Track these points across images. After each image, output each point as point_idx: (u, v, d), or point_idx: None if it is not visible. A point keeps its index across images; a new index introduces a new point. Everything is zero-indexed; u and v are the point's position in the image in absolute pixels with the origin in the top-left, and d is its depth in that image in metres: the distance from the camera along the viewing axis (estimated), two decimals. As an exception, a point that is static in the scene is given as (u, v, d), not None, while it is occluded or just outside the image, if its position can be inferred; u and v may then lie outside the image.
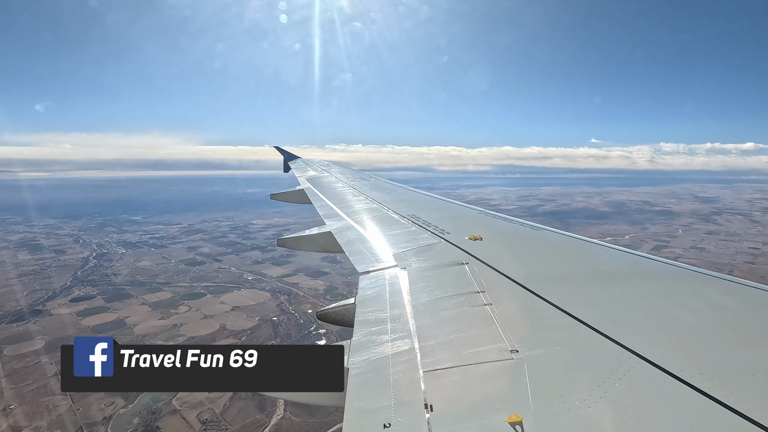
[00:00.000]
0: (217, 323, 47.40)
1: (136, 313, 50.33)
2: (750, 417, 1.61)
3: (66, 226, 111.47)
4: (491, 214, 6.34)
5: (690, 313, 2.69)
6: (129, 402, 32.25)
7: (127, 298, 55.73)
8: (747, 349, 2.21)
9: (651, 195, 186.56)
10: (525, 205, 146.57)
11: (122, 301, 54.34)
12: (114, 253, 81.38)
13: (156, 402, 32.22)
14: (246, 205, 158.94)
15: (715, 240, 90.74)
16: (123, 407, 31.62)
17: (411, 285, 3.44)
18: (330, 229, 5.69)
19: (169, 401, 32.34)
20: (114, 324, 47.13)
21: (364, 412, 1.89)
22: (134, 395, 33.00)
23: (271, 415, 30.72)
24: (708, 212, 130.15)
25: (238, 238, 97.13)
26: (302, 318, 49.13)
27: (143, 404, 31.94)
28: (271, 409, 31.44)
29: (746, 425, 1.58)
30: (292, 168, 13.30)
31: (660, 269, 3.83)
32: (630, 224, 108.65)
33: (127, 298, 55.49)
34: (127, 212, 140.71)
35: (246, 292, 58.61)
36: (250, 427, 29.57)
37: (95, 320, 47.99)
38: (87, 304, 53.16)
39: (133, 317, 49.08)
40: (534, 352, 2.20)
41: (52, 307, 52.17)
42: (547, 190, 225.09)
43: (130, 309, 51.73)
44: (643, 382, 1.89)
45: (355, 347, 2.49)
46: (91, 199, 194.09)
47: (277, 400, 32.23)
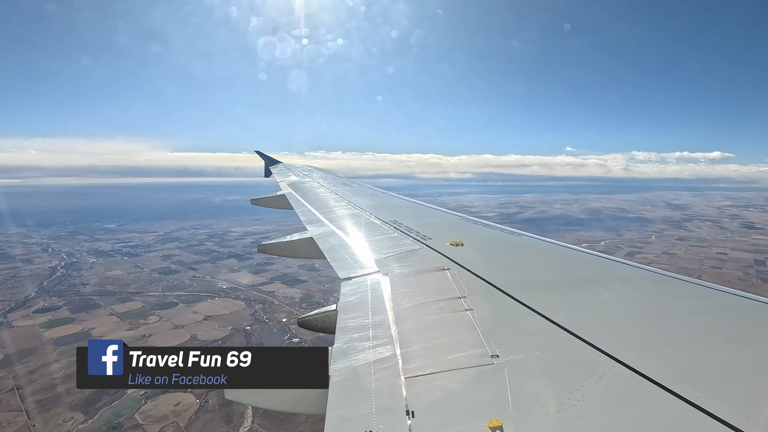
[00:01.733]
0: (188, 333, 46.21)
1: (103, 324, 48.64)
2: (721, 417, 1.67)
3: (35, 235, 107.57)
4: (473, 220, 6.35)
5: (663, 316, 2.78)
6: (89, 417, 31.02)
7: (94, 308, 53.89)
8: (717, 351, 2.28)
9: (626, 202, 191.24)
10: (505, 212, 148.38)
11: (89, 312, 52.51)
12: (84, 263, 78.80)
13: (117, 417, 31.05)
14: (225, 212, 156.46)
15: (685, 246, 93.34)
16: (82, 422, 30.40)
17: (393, 291, 3.44)
18: (311, 235, 5.63)
19: (132, 415, 31.22)
20: (78, 336, 45.33)
21: (346, 419, 1.89)
22: (95, 410, 31.76)
23: (238, 427, 29.94)
24: (679, 219, 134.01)
25: (215, 246, 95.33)
26: (276, 327, 48.33)
27: (104, 419, 30.76)
28: (238, 421, 30.66)
29: (717, 426, 1.64)
30: (274, 173, 13.06)
31: (635, 274, 3.87)
32: (606, 231, 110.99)
33: (95, 309, 53.67)
34: (101, 220, 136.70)
35: (220, 301, 57.37)
36: None
37: (59, 332, 46.17)
38: (51, 315, 51.14)
39: (100, 328, 47.40)
40: (514, 357, 2.24)
41: (13, 319, 50.03)
42: (527, 197, 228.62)
43: (97, 320, 50.00)
44: (619, 385, 1.95)
45: (336, 354, 2.48)
46: (64, 206, 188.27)
47: (245, 412, 31.48)
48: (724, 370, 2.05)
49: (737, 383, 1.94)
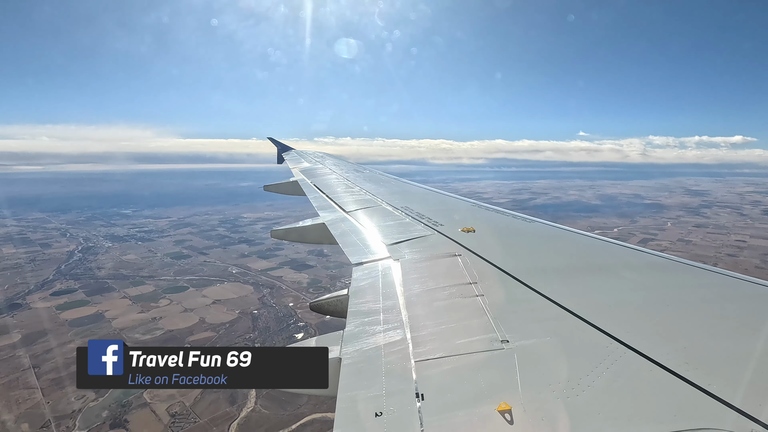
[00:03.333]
0: (197, 316, 47.21)
1: (116, 307, 50.06)
2: (733, 405, 1.65)
3: (54, 220, 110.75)
4: (484, 207, 6.35)
5: (677, 304, 2.78)
6: (100, 395, 32.13)
7: (108, 291, 55.46)
8: (732, 339, 2.27)
9: (643, 189, 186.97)
10: (517, 198, 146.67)
11: (103, 295, 54.05)
12: (100, 247, 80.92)
13: (127, 395, 32.10)
14: (238, 198, 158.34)
15: (702, 233, 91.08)
16: (93, 400, 31.52)
17: (404, 276, 3.46)
18: (324, 221, 5.69)
19: (140, 394, 32.24)
20: (92, 318, 46.88)
21: (357, 401, 1.93)
22: (105, 389, 32.87)
23: (242, 408, 30.65)
24: (697, 205, 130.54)
25: (227, 231, 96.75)
26: (282, 311, 49.03)
27: (114, 397, 31.83)
28: (242, 401, 31.38)
29: (730, 413, 1.62)
30: (286, 159, 13.09)
31: (648, 261, 3.84)
32: (619, 217, 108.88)
33: (109, 292, 55.23)
34: (118, 206, 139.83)
35: (229, 285, 58.40)
36: (219, 419, 29.50)
37: (74, 314, 47.70)
38: (67, 298, 52.82)
39: (113, 311, 48.82)
40: (524, 342, 2.24)
41: (31, 301, 51.84)
42: (541, 183, 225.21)
43: (110, 303, 51.45)
44: (630, 371, 1.94)
45: (347, 338, 2.52)
46: (83, 192, 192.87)
47: (248, 393, 32.22)
48: (739, 358, 2.03)
49: (752, 371, 1.92)
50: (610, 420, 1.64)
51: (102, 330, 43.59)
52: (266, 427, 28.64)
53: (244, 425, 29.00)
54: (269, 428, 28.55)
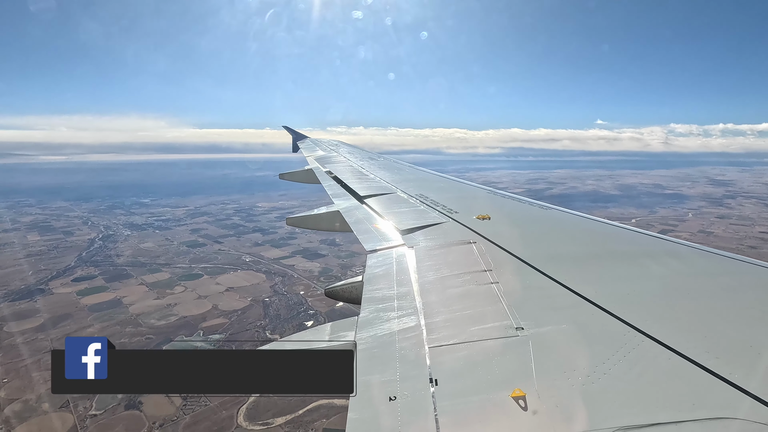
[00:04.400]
0: (210, 303, 48.31)
1: (133, 293, 51.59)
2: (754, 394, 1.61)
3: (77, 209, 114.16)
4: (500, 194, 6.34)
5: (696, 291, 2.72)
6: (116, 378, 33.37)
7: (126, 278, 57.12)
8: (752, 327, 2.21)
9: (664, 178, 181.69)
10: (533, 188, 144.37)
11: (121, 281, 55.73)
12: (119, 235, 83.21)
13: (142, 378, 33.26)
14: (253, 188, 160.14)
15: (725, 224, 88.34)
16: (110, 382, 32.75)
17: (418, 263, 3.47)
18: (338, 209, 5.74)
19: (154, 377, 33.36)
20: (111, 303, 48.44)
21: (371, 385, 1.93)
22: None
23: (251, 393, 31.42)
24: (721, 196, 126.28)
25: (242, 220, 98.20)
26: (293, 299, 49.76)
27: (129, 380, 33.01)
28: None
29: (750, 402, 1.58)
30: (301, 148, 13.14)
31: (667, 248, 3.79)
32: (638, 208, 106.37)
33: (127, 279, 56.88)
34: (137, 195, 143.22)
35: (242, 273, 59.47)
36: (229, 403, 30.29)
37: (94, 299, 49.35)
38: (87, 284, 54.65)
39: (130, 297, 50.33)
40: (539, 330, 2.23)
41: (54, 287, 53.84)
42: (558, 173, 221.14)
43: (128, 289, 53.05)
44: (648, 359, 1.91)
45: (362, 323, 2.55)
46: (104, 182, 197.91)
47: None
48: (762, 348, 1.97)
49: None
50: (626, 408, 1.62)
51: (120, 315, 45.08)
52: (274, 411, 29.33)
53: (253, 409, 29.76)
54: (277, 413, 29.23)
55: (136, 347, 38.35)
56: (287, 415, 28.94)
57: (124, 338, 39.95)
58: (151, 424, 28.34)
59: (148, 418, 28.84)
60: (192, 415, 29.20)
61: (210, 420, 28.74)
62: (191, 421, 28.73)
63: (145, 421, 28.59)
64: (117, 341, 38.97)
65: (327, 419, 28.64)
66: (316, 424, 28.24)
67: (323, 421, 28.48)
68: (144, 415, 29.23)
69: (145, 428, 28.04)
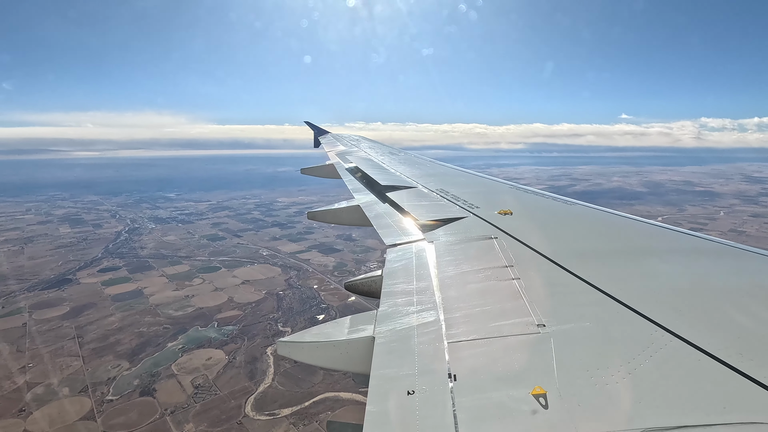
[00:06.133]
0: (226, 296, 49.49)
1: (154, 284, 53.39)
2: None
3: (107, 202, 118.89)
4: (523, 189, 6.28)
5: (729, 290, 2.63)
6: (133, 365, 34.62)
7: (148, 270, 59.15)
8: None
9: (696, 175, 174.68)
10: (555, 185, 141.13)
11: (144, 273, 57.75)
12: (144, 228, 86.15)
13: (157, 366, 34.37)
14: (275, 183, 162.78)
15: (759, 223, 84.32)
16: (127, 369, 34.01)
17: (438, 258, 3.45)
18: (359, 203, 5.78)
19: (169, 366, 34.43)
20: (132, 293, 50.27)
21: (389, 379, 1.93)
22: (138, 359, 35.38)
23: (259, 384, 32.04)
24: (756, 193, 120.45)
25: (261, 215, 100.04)
26: (306, 293, 50.39)
27: (145, 368, 34.18)
28: (260, 377, 32.81)
29: None
30: (323, 143, 13.27)
31: (698, 245, 3.66)
32: (665, 205, 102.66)
33: (149, 270, 58.92)
34: (163, 189, 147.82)
35: (258, 266, 60.60)
36: (238, 393, 31.00)
37: (117, 290, 51.37)
38: (112, 275, 56.89)
39: (151, 288, 52.10)
40: (561, 327, 2.19)
41: (81, 277, 56.30)
42: (583, 169, 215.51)
43: (149, 280, 54.92)
44: (676, 360, 1.84)
45: (381, 317, 2.55)
46: (133, 177, 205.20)
47: (267, 370, 33.59)
48: None
49: None
50: (652, 408, 1.56)
51: (140, 305, 46.70)
52: (280, 403, 29.83)
53: (261, 399, 30.33)
54: (283, 404, 29.71)
55: (153, 336, 39.68)
56: (293, 407, 29.38)
57: (143, 327, 41.35)
58: (163, 410, 29.26)
59: (161, 405, 29.79)
60: (202, 404, 30.02)
61: (219, 409, 29.47)
62: (201, 409, 29.53)
63: (158, 408, 29.55)
64: (135, 330, 40.50)
65: (332, 411, 28.92)
66: (321, 416, 28.56)
67: (328, 413, 28.78)
68: (157, 401, 30.21)
69: (157, 414, 28.96)
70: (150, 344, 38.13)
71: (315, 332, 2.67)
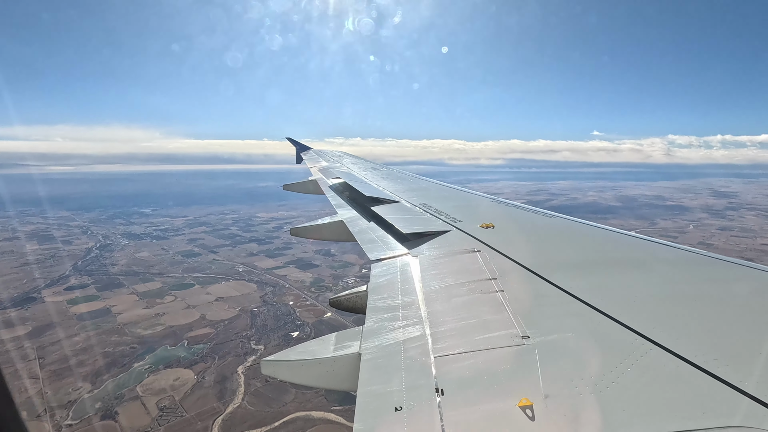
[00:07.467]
0: (198, 313, 48.25)
1: (123, 302, 51.70)
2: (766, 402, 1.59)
3: (78, 218, 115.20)
4: (503, 203, 6.36)
5: (704, 298, 2.72)
6: (96, 387, 33.19)
7: (118, 287, 57.31)
8: (762, 333, 2.19)
9: (667, 190, 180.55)
10: (534, 199, 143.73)
11: (113, 291, 55.92)
12: (117, 244, 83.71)
13: (121, 388, 33.03)
14: (254, 198, 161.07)
15: (726, 236, 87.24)
16: (89, 392, 32.56)
17: (422, 272, 3.48)
18: (342, 218, 5.76)
19: (134, 387, 33.14)
20: (100, 312, 48.54)
21: (376, 395, 1.92)
22: (102, 381, 33.95)
23: (228, 404, 31.10)
24: (723, 207, 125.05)
25: (239, 230, 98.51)
26: (282, 310, 49.53)
27: (108, 390, 32.80)
28: (229, 397, 31.85)
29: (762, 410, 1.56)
30: (305, 159, 13.21)
31: (673, 255, 3.76)
32: (638, 219, 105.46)
33: (119, 288, 57.09)
34: (139, 205, 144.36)
35: (233, 283, 59.45)
36: (205, 414, 30.01)
37: (83, 308, 49.49)
38: (79, 293, 54.87)
39: (120, 306, 50.43)
40: (545, 338, 2.22)
41: (46, 295, 54.11)
42: (560, 184, 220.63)
43: (118, 298, 53.17)
44: (657, 367, 1.89)
45: (367, 333, 2.54)
46: (109, 192, 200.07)
47: (237, 389, 32.67)
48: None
49: None
50: (636, 417, 1.59)
51: (107, 324, 45.07)
52: (250, 423, 28.98)
53: (229, 421, 29.42)
54: (253, 425, 28.87)
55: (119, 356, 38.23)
56: (263, 427, 28.57)
57: (108, 347, 39.83)
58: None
59: (123, 429, 28.57)
60: (167, 426, 28.94)
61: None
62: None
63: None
64: (100, 350, 38.94)
65: (302, 432, 28.22)
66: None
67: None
68: (119, 425, 28.97)
69: (119, 439, 27.73)
70: (115, 365, 36.72)
71: (300, 350, 2.66)
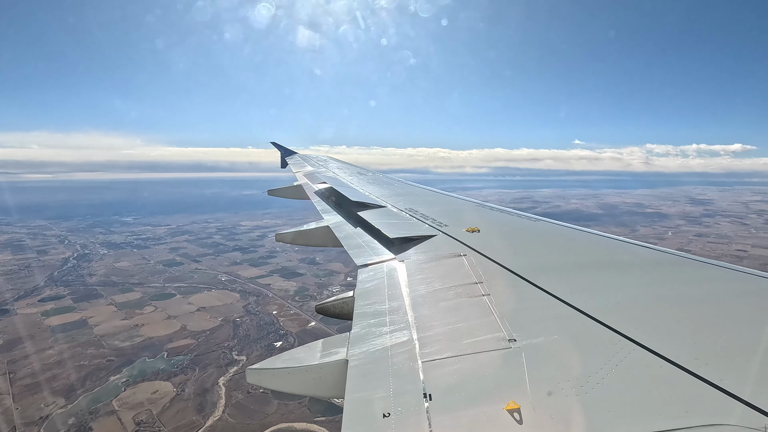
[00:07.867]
0: (179, 324, 47.22)
1: (100, 314, 50.30)
2: (745, 399, 1.62)
3: (55, 227, 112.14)
4: (489, 207, 6.36)
5: (684, 299, 2.78)
6: (69, 402, 32.06)
7: (96, 298, 55.78)
8: (740, 333, 2.25)
9: (646, 198, 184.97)
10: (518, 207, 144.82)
11: (90, 302, 54.39)
12: (95, 254, 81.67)
13: (96, 402, 31.97)
14: (238, 206, 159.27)
15: (703, 242, 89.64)
16: (62, 407, 31.41)
17: (409, 277, 3.47)
18: (328, 224, 5.74)
19: (110, 401, 32.11)
20: (76, 324, 47.10)
21: (364, 402, 1.91)
22: (76, 395, 32.82)
23: (208, 417, 30.35)
24: (700, 215, 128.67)
25: (223, 239, 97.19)
26: (265, 319, 48.81)
27: (83, 405, 31.71)
28: (210, 410, 31.09)
29: (741, 407, 1.59)
30: (290, 164, 13.04)
31: (655, 257, 3.82)
32: (619, 226, 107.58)
33: (96, 299, 55.56)
34: (120, 213, 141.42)
35: (216, 292, 58.47)
36: (184, 428, 29.24)
37: (58, 320, 47.99)
38: (54, 304, 53.25)
39: (97, 317, 49.02)
40: (532, 341, 2.23)
41: (19, 307, 52.31)
42: (544, 192, 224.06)
43: (96, 309, 51.71)
44: (640, 368, 1.92)
45: (354, 339, 2.53)
46: (88, 200, 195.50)
47: (218, 401, 31.94)
48: (751, 353, 2.00)
49: (763, 366, 1.88)
50: (621, 417, 1.62)
51: (83, 336, 43.69)
52: (231, 437, 28.29)
53: (209, 434, 28.68)
54: (234, 438, 28.20)
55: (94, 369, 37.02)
56: (244, 440, 27.90)
57: (84, 360, 38.57)
58: (100, 451, 27.08)
59: (98, 445, 27.57)
60: (144, 441, 28.01)
61: (163, 446, 27.57)
62: (143, 447, 27.53)
63: (94, 448, 27.32)
64: (75, 364, 37.67)
65: (285, 444, 27.68)
66: (273, 449, 27.25)
67: (280, 445, 27.51)
68: (94, 441, 27.95)
69: (93, 456, 26.75)
70: (90, 378, 35.54)
71: (286, 358, 2.63)
